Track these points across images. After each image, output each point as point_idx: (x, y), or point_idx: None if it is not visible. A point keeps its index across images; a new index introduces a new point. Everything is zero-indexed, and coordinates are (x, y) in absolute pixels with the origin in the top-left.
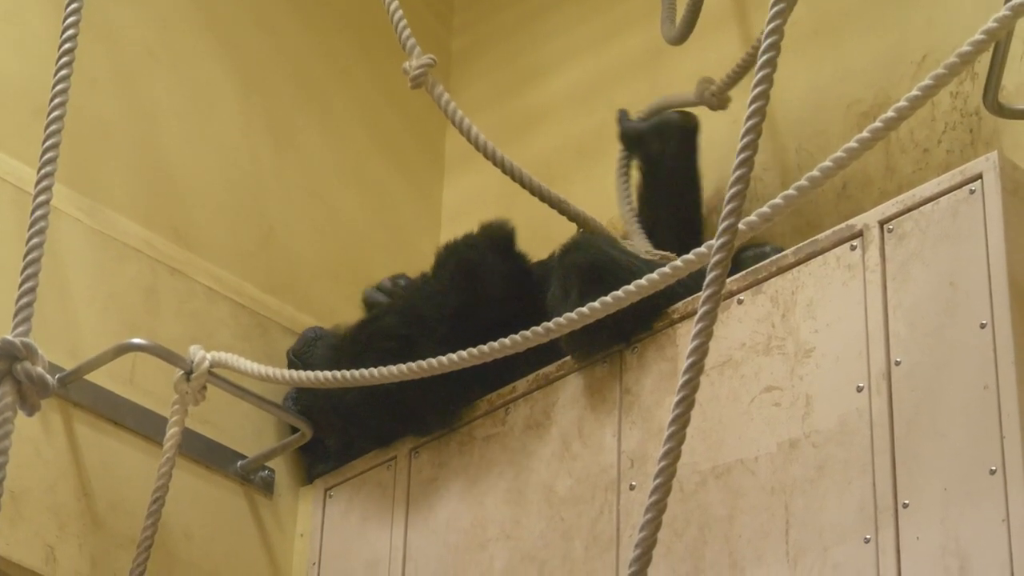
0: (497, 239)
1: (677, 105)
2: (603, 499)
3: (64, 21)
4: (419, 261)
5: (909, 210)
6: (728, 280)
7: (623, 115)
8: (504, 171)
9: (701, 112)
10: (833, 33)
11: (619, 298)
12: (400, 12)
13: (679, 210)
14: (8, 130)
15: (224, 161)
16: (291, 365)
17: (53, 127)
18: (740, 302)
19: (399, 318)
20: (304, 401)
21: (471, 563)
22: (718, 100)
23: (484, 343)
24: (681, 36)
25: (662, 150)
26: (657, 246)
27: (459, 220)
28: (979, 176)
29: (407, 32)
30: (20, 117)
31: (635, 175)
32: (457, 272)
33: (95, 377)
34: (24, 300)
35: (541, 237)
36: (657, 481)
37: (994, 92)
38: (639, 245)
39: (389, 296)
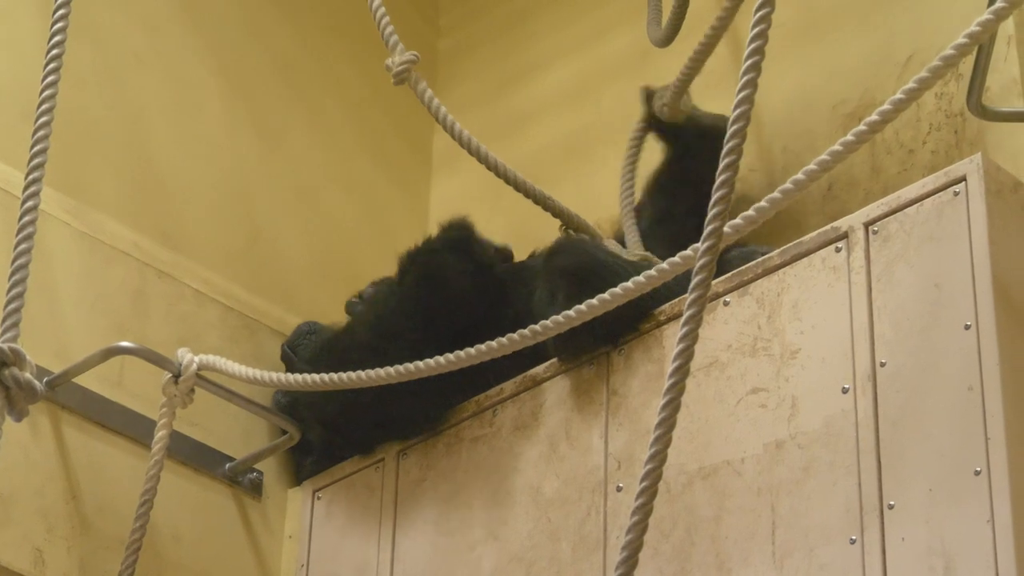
0: (455, 240)
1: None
2: (590, 500)
3: (52, 24)
4: None
5: (894, 212)
6: (714, 282)
7: (651, 94)
8: (488, 167)
9: None
10: (819, 34)
11: (606, 301)
12: (383, 9)
13: (695, 210)
14: None
15: (211, 162)
16: (285, 357)
17: (41, 132)
18: (726, 304)
19: (370, 331)
20: (290, 402)
21: (459, 564)
22: (670, 111)
23: (453, 347)
24: (667, 38)
25: (700, 148)
26: (662, 236)
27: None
28: (963, 178)
29: (390, 29)
30: (7, 119)
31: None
32: (421, 280)
33: (83, 380)
34: (12, 305)
35: (527, 235)
36: (643, 484)
37: (978, 95)
38: (629, 237)
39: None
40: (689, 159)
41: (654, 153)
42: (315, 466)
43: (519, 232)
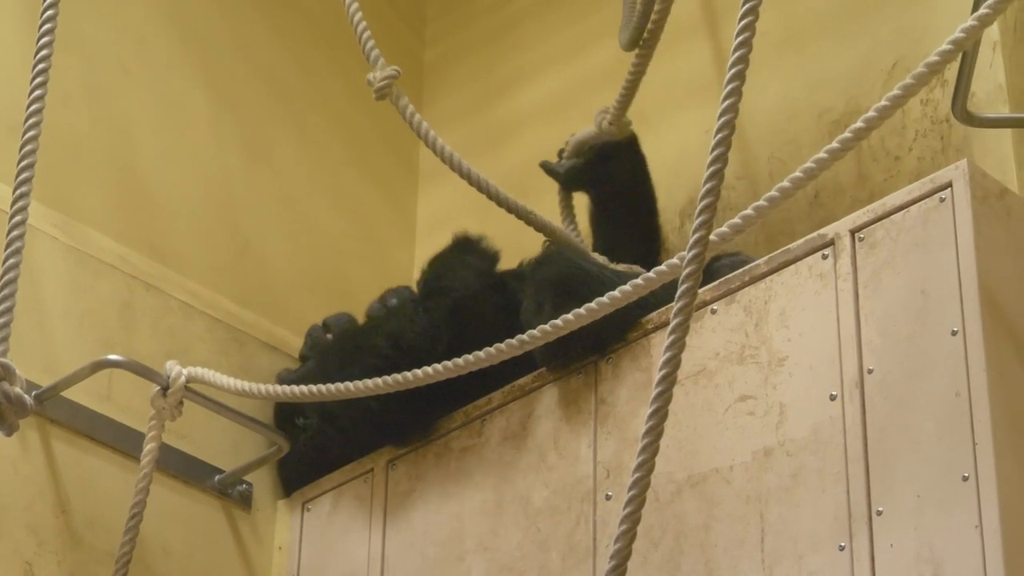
0: (489, 272)
1: (589, 141)
2: (579, 510)
3: (38, 39)
4: (395, 272)
5: (880, 219)
6: (701, 290)
7: (548, 164)
8: (470, 183)
9: (674, 120)
10: (804, 42)
11: (593, 310)
12: (364, 24)
13: (638, 221)
14: None
15: (199, 176)
16: (312, 341)
17: (29, 146)
18: (713, 312)
19: (387, 341)
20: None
21: (449, 575)
22: (617, 128)
23: None
24: (632, 42)
25: (610, 172)
26: (619, 260)
27: (434, 231)
28: (949, 184)
29: (371, 43)
30: None
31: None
32: (453, 311)
33: (72, 394)
34: (1, 320)
35: (516, 246)
36: (631, 493)
37: (963, 101)
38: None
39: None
40: (607, 187)
41: None
42: (307, 467)
43: (508, 243)
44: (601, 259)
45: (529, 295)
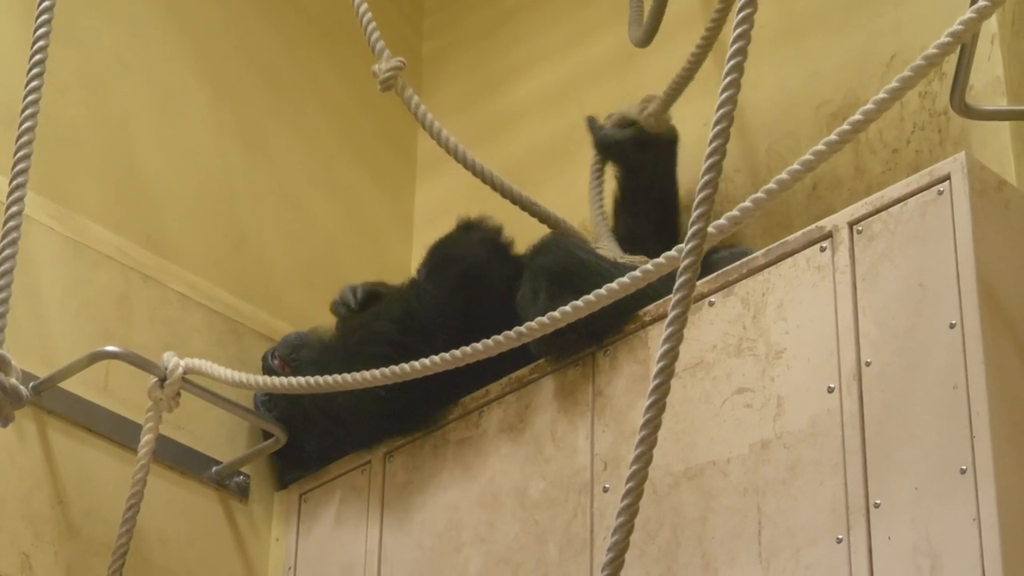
0: (494, 242)
1: (631, 118)
2: (576, 502)
3: (35, 30)
4: (392, 264)
5: (878, 211)
6: (699, 282)
7: (594, 123)
8: (474, 174)
9: (672, 112)
10: (802, 35)
11: (590, 301)
12: (369, 15)
13: (658, 219)
14: None
15: (196, 167)
16: (270, 370)
17: (25, 137)
18: (711, 304)
19: (394, 325)
20: (282, 404)
21: (446, 566)
22: (656, 121)
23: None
24: (646, 39)
25: (643, 161)
26: (633, 253)
27: (431, 224)
28: (947, 177)
29: (376, 35)
30: None
31: (608, 180)
32: (462, 280)
33: (69, 385)
34: None
35: (513, 239)
36: (629, 485)
37: (961, 93)
38: (610, 249)
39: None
40: (635, 176)
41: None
42: (301, 469)
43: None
44: (612, 246)
45: (526, 282)
